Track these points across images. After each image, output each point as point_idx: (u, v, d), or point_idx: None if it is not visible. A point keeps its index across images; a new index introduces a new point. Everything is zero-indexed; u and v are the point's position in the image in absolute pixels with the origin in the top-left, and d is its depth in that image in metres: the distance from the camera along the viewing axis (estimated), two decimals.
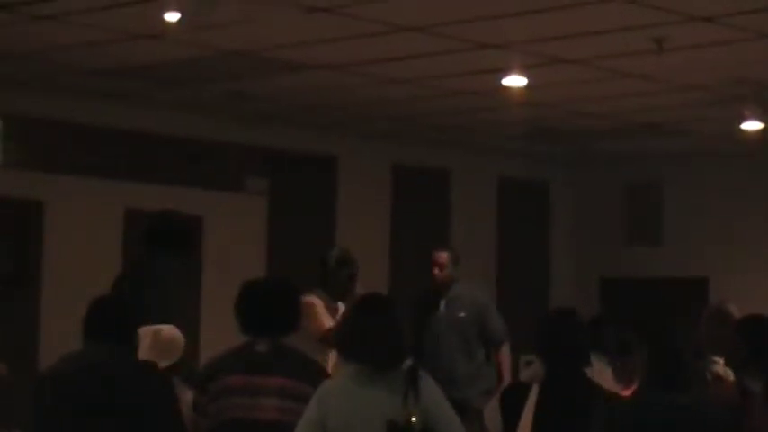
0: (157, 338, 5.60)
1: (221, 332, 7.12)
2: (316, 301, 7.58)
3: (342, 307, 7.56)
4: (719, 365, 5.98)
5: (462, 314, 8.45)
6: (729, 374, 5.82)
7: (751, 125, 10.04)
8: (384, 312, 4.72)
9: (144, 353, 5.40)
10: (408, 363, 4.57)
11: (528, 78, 8.93)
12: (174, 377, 5.28)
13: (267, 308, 5.14)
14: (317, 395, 4.63)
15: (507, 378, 8.45)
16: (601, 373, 5.39)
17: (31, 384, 5.18)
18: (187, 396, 5.24)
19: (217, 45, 8.35)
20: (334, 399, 4.60)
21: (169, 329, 5.69)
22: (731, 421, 4.48)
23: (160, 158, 10.54)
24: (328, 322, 7.68)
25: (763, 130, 10.10)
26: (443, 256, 8.61)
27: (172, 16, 7.45)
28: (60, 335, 6.95)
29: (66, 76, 9.38)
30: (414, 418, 4.44)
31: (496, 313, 8.73)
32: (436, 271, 8.57)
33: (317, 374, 5.07)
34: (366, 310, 4.73)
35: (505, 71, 8.81)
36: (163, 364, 5.42)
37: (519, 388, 5.19)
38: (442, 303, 8.43)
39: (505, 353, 8.65)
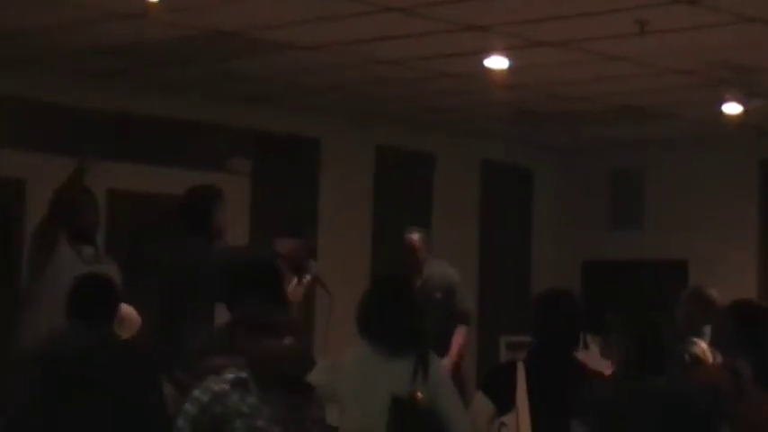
0: (120, 314, 5.70)
1: None
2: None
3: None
4: (698, 347, 6.03)
5: (438, 295, 8.45)
6: (709, 356, 5.86)
7: (733, 109, 10.07)
8: (402, 294, 4.80)
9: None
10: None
11: (510, 60, 8.94)
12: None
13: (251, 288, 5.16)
14: (326, 362, 4.74)
15: (451, 357, 8.28)
16: (590, 351, 5.43)
17: (13, 365, 5.18)
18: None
19: (201, 25, 8.33)
20: (346, 369, 4.69)
21: (126, 306, 5.83)
22: (712, 403, 4.51)
23: (143, 138, 10.52)
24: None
25: (745, 114, 10.13)
26: (414, 237, 8.68)
27: None
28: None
29: (50, 56, 9.35)
30: (419, 395, 4.53)
31: (464, 293, 8.74)
32: (410, 252, 8.60)
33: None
34: (385, 292, 4.80)
35: (488, 53, 8.81)
36: (124, 336, 5.56)
37: (503, 368, 5.20)
38: (418, 284, 8.36)
39: (461, 333, 8.53)
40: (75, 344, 4.93)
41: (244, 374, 4.10)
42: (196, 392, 4.11)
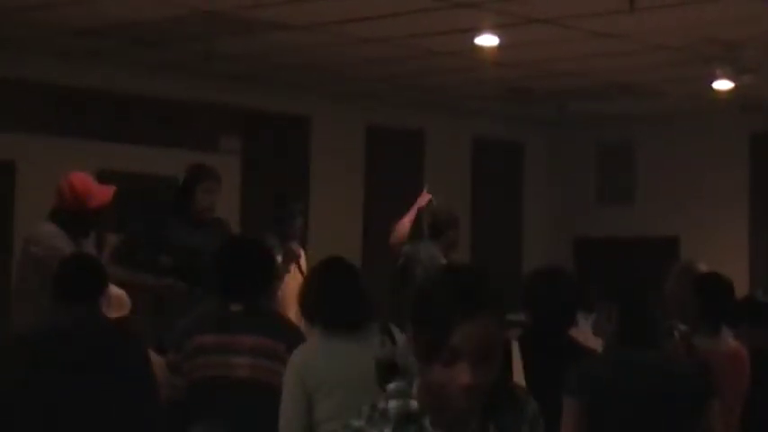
0: (108, 294, 5.71)
1: None
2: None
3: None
4: None
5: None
6: None
7: (722, 85, 10.09)
8: (351, 274, 4.78)
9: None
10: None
11: (500, 38, 8.93)
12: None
13: (242, 268, 5.17)
14: (290, 362, 4.67)
15: None
16: (580, 327, 5.44)
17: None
18: (156, 357, 5.29)
19: (190, 5, 8.31)
20: (311, 360, 4.65)
21: (114, 287, 5.84)
22: (701, 377, 4.52)
23: (133, 118, 10.51)
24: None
25: (733, 90, 10.14)
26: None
27: None
28: None
29: (38, 36, 9.32)
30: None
31: None
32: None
33: (290, 333, 5.11)
34: (332, 273, 4.78)
35: (478, 31, 8.81)
36: (115, 315, 5.56)
37: None
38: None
39: None
40: (58, 325, 4.92)
41: (414, 405, 2.55)
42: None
